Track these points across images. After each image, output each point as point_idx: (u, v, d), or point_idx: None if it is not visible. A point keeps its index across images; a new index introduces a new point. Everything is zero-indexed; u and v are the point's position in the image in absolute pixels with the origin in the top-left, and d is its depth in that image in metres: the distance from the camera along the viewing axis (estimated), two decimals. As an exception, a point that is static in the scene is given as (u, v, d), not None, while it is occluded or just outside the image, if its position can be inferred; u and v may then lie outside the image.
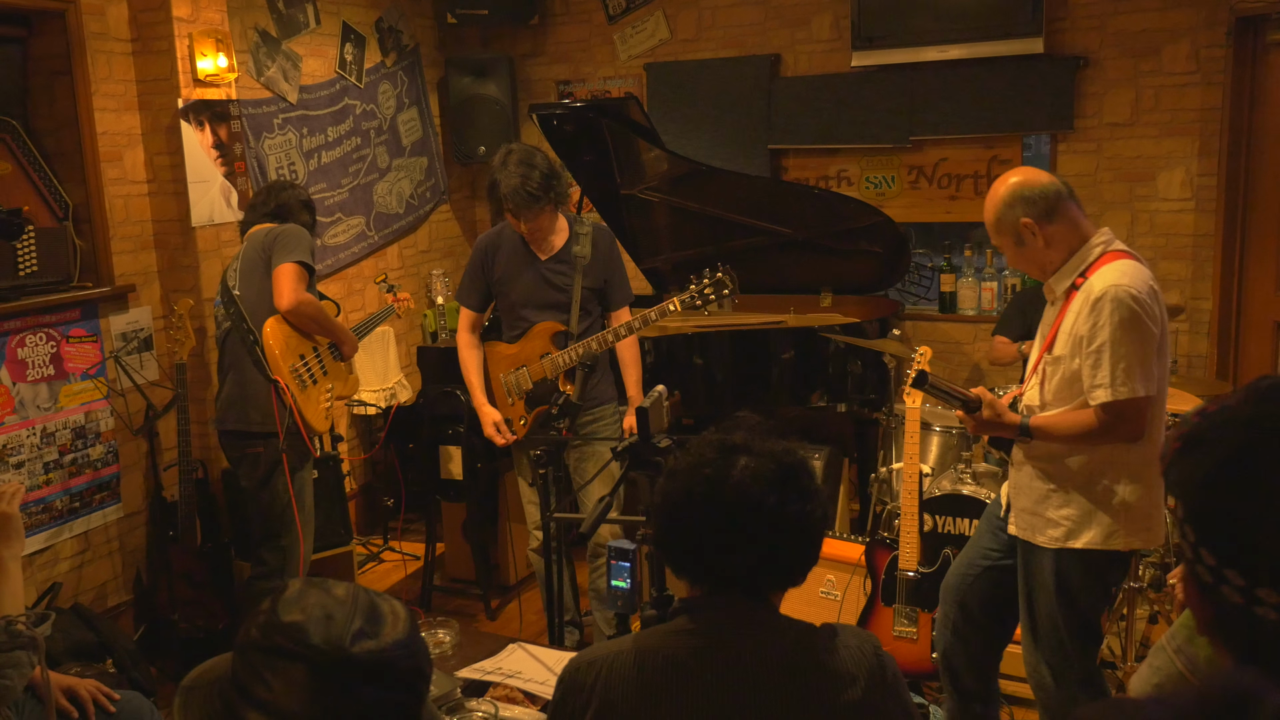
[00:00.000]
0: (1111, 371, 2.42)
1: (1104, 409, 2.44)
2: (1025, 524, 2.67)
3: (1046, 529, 2.62)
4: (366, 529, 5.25)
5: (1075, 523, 2.57)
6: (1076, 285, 2.52)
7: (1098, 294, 2.43)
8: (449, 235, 5.95)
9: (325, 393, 3.58)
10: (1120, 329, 2.40)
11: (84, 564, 3.88)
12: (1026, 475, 2.66)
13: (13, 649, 1.92)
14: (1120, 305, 2.40)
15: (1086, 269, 2.52)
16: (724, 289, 3.29)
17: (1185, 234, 4.60)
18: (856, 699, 1.54)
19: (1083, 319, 2.46)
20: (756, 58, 5.28)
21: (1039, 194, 2.52)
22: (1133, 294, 2.41)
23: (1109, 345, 2.41)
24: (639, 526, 2.44)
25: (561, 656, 2.51)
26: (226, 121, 4.20)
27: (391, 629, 1.27)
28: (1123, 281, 2.42)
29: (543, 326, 3.51)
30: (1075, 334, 2.49)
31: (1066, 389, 2.54)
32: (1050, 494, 2.60)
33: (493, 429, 3.60)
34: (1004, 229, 2.57)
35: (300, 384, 3.45)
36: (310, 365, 3.53)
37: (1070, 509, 2.58)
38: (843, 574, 3.65)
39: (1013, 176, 2.58)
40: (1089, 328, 2.44)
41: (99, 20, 3.87)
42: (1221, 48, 4.39)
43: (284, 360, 3.43)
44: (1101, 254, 2.52)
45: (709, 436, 1.65)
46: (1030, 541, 2.66)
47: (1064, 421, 2.52)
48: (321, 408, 3.55)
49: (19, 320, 3.64)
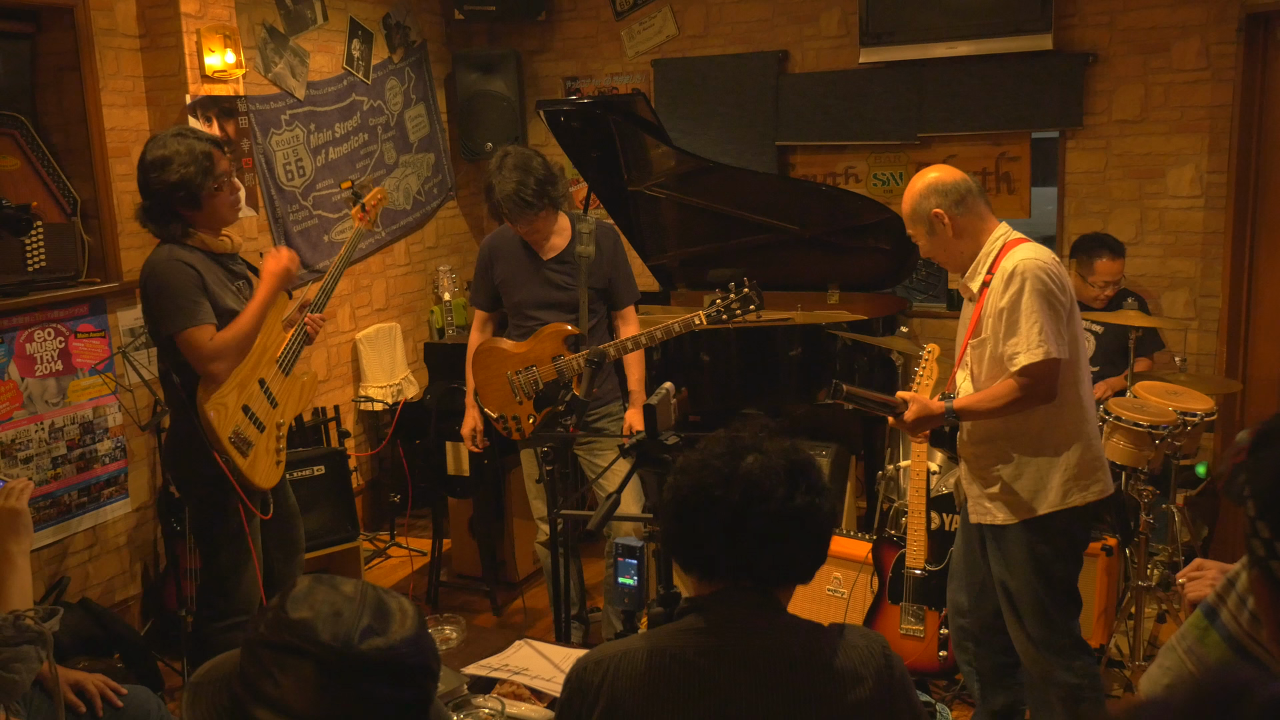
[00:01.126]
0: (1027, 336, 2.58)
1: (1021, 373, 2.59)
2: (983, 509, 2.81)
3: (1000, 508, 2.76)
4: (373, 525, 5.26)
5: (1029, 494, 2.72)
6: (986, 281, 2.71)
7: (1010, 270, 2.62)
8: (456, 231, 5.95)
9: (275, 439, 3.11)
10: (1032, 298, 2.58)
11: (92, 559, 3.89)
12: (973, 463, 2.81)
13: (21, 644, 1.92)
14: (1032, 278, 2.59)
15: (993, 263, 2.71)
16: (750, 304, 3.28)
17: (1195, 231, 4.58)
18: (864, 698, 1.54)
19: (998, 295, 2.64)
20: (764, 54, 5.27)
21: (950, 187, 2.72)
22: (1042, 266, 2.61)
23: (1023, 313, 2.59)
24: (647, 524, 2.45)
25: (568, 653, 2.51)
26: (234, 117, 4.20)
27: (400, 626, 1.27)
28: (1032, 256, 2.63)
29: (554, 328, 3.50)
30: (995, 312, 2.65)
31: (997, 367, 2.69)
32: (998, 474, 2.75)
33: (469, 431, 3.70)
34: (918, 218, 2.76)
35: (241, 452, 2.99)
36: (255, 414, 3.05)
37: (1021, 481, 2.73)
38: (850, 572, 3.64)
39: (930, 172, 2.77)
40: (1008, 301, 2.61)
41: (107, 16, 3.88)
42: (1232, 44, 4.37)
43: (222, 430, 2.96)
44: (1003, 245, 2.72)
45: (719, 436, 1.66)
46: (992, 524, 2.79)
47: (985, 396, 2.69)
48: (270, 461, 3.09)
49: (27, 316, 3.64)
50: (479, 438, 3.70)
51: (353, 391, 5.24)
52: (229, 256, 3.09)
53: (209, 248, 3.01)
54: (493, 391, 3.58)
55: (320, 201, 4.97)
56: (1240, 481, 1.02)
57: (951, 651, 3.32)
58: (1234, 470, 1.01)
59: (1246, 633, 1.39)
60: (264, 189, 4.60)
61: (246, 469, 3.00)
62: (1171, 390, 3.60)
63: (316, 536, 4.16)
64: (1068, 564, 2.78)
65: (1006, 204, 4.93)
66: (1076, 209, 4.77)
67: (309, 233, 4.91)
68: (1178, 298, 4.64)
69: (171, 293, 2.89)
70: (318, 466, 4.18)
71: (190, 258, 2.95)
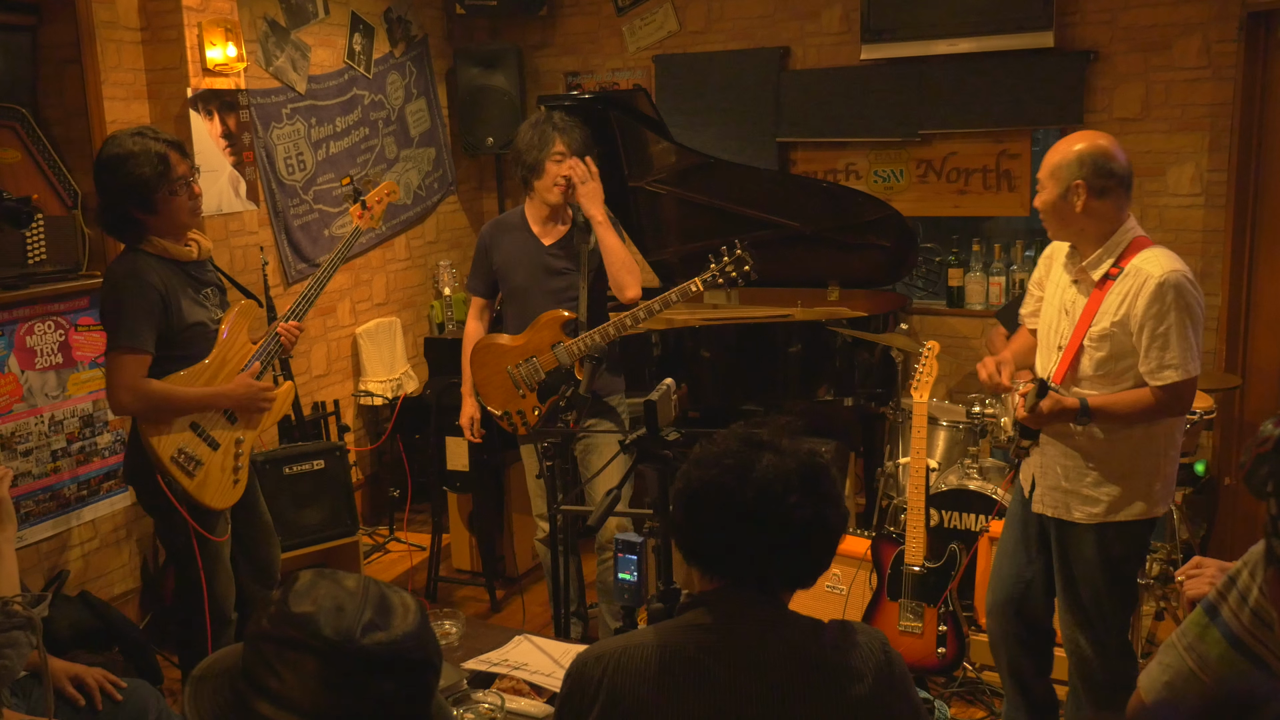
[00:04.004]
0: (1180, 353, 2.53)
1: (1166, 389, 2.55)
2: (1058, 502, 2.74)
3: (1085, 505, 2.70)
4: (372, 519, 5.26)
5: (1117, 497, 2.67)
6: (1111, 275, 2.61)
7: (1159, 279, 2.53)
8: (456, 226, 5.95)
9: (233, 457, 2.99)
10: (1184, 313, 2.53)
11: (91, 552, 3.89)
12: (1058, 453, 2.73)
13: (10, 629, 1.93)
14: (1183, 291, 2.53)
15: (1121, 256, 2.61)
16: (744, 265, 3.30)
17: (1195, 229, 4.58)
18: (864, 695, 1.54)
19: (1142, 302, 2.54)
20: (765, 50, 5.27)
21: (1105, 168, 2.58)
22: (1190, 280, 2.55)
23: (1175, 328, 2.53)
24: (646, 520, 2.45)
25: (567, 648, 2.51)
26: (235, 111, 4.20)
27: (402, 621, 1.27)
28: (1179, 269, 2.55)
29: (551, 315, 3.50)
30: (1128, 316, 2.57)
31: (1114, 365, 2.62)
32: (1087, 471, 2.68)
33: (467, 421, 3.70)
34: (1058, 177, 2.62)
35: (187, 472, 2.87)
36: (207, 431, 2.94)
37: (1111, 485, 2.67)
38: (849, 568, 3.65)
39: (1099, 139, 2.63)
40: (1155, 311, 2.53)
41: (109, 9, 3.87)
42: (1233, 43, 4.37)
43: (163, 450, 2.83)
44: (1132, 240, 2.62)
45: (735, 430, 1.65)
46: (1065, 519, 2.74)
47: (1123, 401, 2.61)
48: (225, 481, 2.97)
49: (28, 308, 3.64)
50: (476, 427, 3.70)
51: (352, 386, 5.24)
52: (194, 264, 2.97)
53: (171, 255, 2.89)
54: (494, 389, 3.57)
55: (321, 196, 4.97)
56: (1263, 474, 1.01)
57: (951, 648, 3.33)
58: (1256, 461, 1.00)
59: (1248, 630, 1.39)
60: (265, 183, 4.60)
61: (194, 489, 2.87)
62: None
63: (316, 531, 4.17)
64: (1136, 565, 2.79)
65: (1007, 201, 4.93)
66: (1077, 207, 4.76)
67: (309, 227, 4.91)
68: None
69: (123, 310, 2.79)
70: (317, 461, 4.17)
71: (152, 274, 2.83)
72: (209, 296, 3.01)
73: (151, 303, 2.81)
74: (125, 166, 2.77)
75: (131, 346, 2.79)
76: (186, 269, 2.95)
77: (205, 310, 2.97)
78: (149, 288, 2.81)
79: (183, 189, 2.87)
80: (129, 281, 2.81)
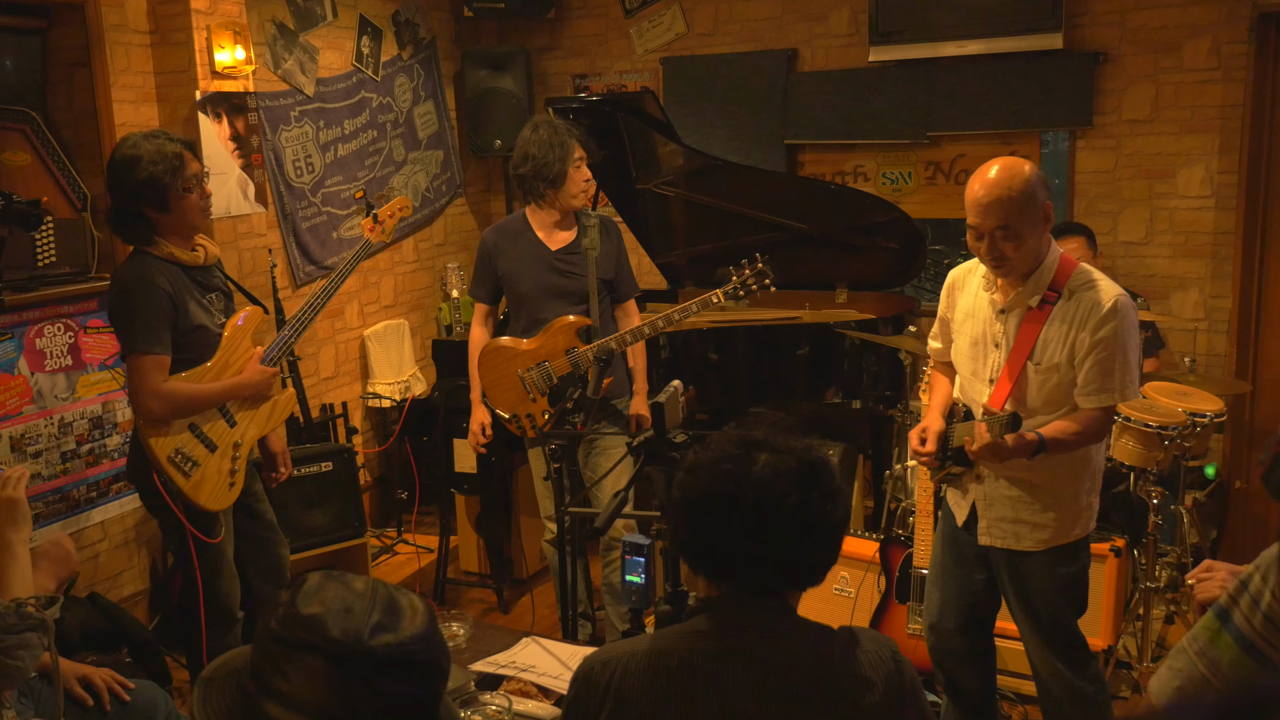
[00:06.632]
0: (1122, 376, 2.51)
1: (1105, 411, 2.54)
2: (1006, 533, 2.69)
3: (1032, 534, 2.67)
4: (380, 521, 5.26)
5: (1060, 521, 2.64)
6: (1049, 299, 2.52)
7: (1108, 302, 2.47)
8: (464, 229, 5.96)
9: (229, 460, 2.99)
10: (1128, 335, 2.50)
11: (100, 553, 3.90)
12: (1001, 486, 2.67)
13: (23, 630, 1.93)
14: (1128, 313, 2.49)
15: (1053, 280, 2.53)
16: (765, 278, 3.30)
17: (1205, 232, 4.57)
18: (874, 704, 1.53)
19: (1091, 325, 2.48)
20: (773, 52, 5.26)
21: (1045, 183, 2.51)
22: (1129, 302, 2.52)
23: (1120, 351, 2.49)
24: (653, 522, 2.44)
25: (575, 650, 2.51)
26: (244, 114, 4.21)
27: (410, 623, 1.27)
28: (1120, 291, 2.52)
29: (565, 321, 3.49)
30: (1074, 342, 2.50)
31: (1059, 395, 2.56)
32: (1030, 500, 2.65)
33: (477, 427, 3.65)
34: (1033, 207, 2.44)
35: (183, 473, 2.89)
36: (206, 433, 2.95)
37: (1054, 511, 2.64)
38: (857, 571, 3.64)
39: (1015, 160, 2.50)
40: (1106, 334, 2.47)
41: (118, 12, 3.89)
42: (1243, 44, 4.36)
43: (160, 450, 2.86)
44: (1060, 259, 2.56)
45: (729, 432, 1.62)
46: (1013, 549, 2.69)
47: (1072, 430, 2.53)
48: (221, 483, 2.96)
49: (38, 310, 3.65)
50: (487, 429, 3.66)
51: (360, 388, 5.25)
52: (200, 269, 2.98)
53: (179, 260, 2.91)
54: (503, 391, 3.57)
55: (329, 198, 4.98)
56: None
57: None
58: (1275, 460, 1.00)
59: (1259, 634, 1.38)
60: (273, 185, 4.61)
61: (189, 490, 2.89)
62: (1181, 391, 3.59)
63: (323, 533, 4.17)
64: (1084, 577, 2.76)
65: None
66: (1086, 208, 4.75)
67: (318, 229, 4.92)
68: (1187, 298, 4.62)
69: (136, 313, 2.82)
70: (325, 463, 4.18)
71: (160, 277, 2.86)
72: (213, 301, 3.02)
73: (162, 304, 2.84)
74: (141, 164, 2.82)
75: (150, 349, 2.82)
76: (192, 273, 2.96)
77: (209, 315, 2.98)
78: (158, 289, 2.84)
79: (195, 187, 2.92)
80: (138, 284, 2.84)
